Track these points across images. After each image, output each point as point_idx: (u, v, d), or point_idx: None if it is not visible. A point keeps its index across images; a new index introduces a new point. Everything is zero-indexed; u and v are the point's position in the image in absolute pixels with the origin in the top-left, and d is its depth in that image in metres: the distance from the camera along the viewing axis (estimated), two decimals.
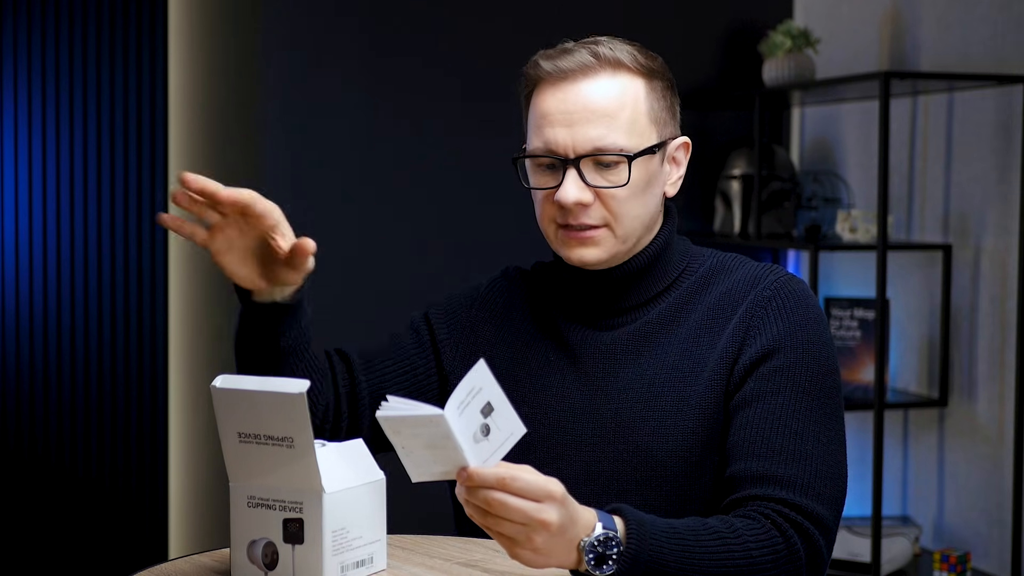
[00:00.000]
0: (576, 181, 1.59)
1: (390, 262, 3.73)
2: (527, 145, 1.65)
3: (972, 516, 3.38)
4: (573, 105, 1.59)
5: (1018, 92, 3.19)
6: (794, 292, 1.62)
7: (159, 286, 3.47)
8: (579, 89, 1.59)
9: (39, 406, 3.40)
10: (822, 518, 1.50)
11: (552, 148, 1.60)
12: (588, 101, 1.59)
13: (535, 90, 1.63)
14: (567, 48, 1.63)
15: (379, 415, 1.31)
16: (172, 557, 3.19)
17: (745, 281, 1.64)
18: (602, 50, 1.60)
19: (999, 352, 3.30)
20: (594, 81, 1.59)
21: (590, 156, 1.59)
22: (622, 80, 1.60)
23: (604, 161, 1.59)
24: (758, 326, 1.60)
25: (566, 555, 1.36)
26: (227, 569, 1.51)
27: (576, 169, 1.59)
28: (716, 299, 1.64)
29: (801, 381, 1.56)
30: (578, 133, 1.58)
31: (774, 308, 1.60)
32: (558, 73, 1.60)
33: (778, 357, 1.57)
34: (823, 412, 1.56)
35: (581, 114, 1.58)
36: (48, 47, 3.38)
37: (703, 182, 3.99)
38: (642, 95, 1.61)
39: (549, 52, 1.63)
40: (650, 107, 1.62)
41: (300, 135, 3.66)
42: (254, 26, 3.64)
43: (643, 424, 1.60)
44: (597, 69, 1.60)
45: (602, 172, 1.59)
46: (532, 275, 1.78)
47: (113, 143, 3.43)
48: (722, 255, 1.70)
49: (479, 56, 3.74)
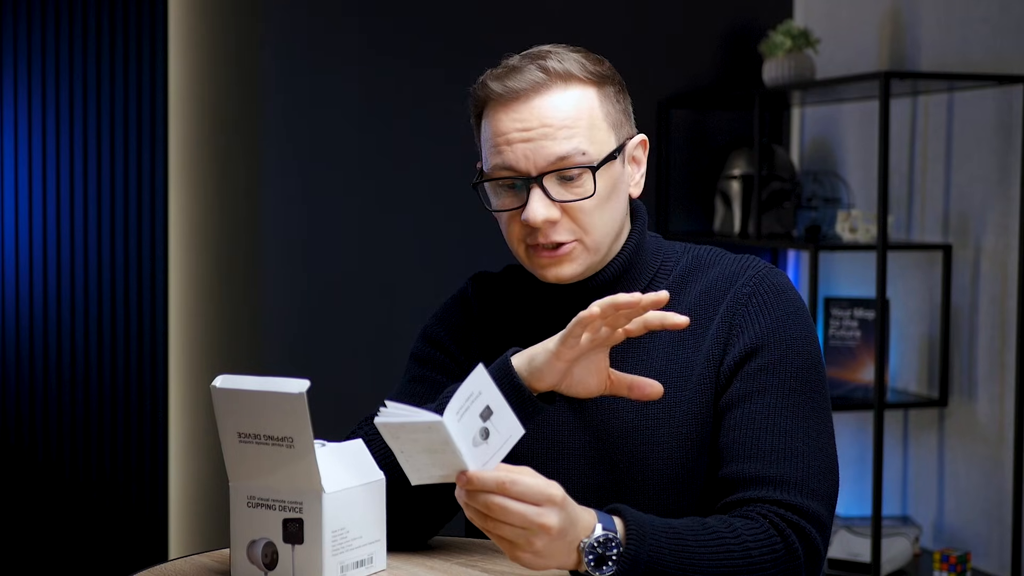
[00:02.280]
0: (542, 199, 1.56)
1: (390, 262, 3.73)
2: (483, 165, 1.63)
3: (972, 516, 3.38)
4: (529, 123, 1.56)
5: (1018, 92, 3.19)
6: (773, 285, 1.61)
7: (159, 286, 3.47)
8: (533, 107, 1.57)
9: (39, 406, 3.40)
10: (817, 515, 1.50)
11: (513, 167, 1.57)
12: (544, 117, 1.56)
13: (486, 110, 1.61)
14: (515, 66, 1.59)
15: (377, 421, 1.30)
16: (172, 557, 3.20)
17: (724, 278, 1.63)
18: (551, 64, 1.58)
19: (999, 352, 3.30)
20: (547, 96, 1.57)
21: (553, 171, 1.56)
22: (574, 92, 1.58)
23: (567, 175, 1.57)
24: (740, 324, 1.59)
25: (566, 557, 1.36)
26: (227, 569, 1.51)
27: (540, 187, 1.57)
28: (696, 298, 1.63)
29: (787, 378, 1.56)
30: (538, 149, 1.56)
31: (755, 304, 1.60)
32: (510, 94, 1.57)
33: (762, 355, 1.57)
34: (810, 407, 1.56)
35: (539, 131, 1.56)
36: (48, 47, 3.38)
37: (703, 182, 3.99)
38: (596, 103, 1.59)
39: (497, 72, 1.60)
40: (605, 113, 1.60)
41: (300, 135, 3.67)
42: (254, 26, 3.64)
43: (635, 432, 1.60)
44: (548, 84, 1.57)
45: (566, 186, 1.57)
46: (505, 281, 1.75)
47: (113, 143, 3.43)
48: (696, 249, 1.69)
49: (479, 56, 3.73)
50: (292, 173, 3.66)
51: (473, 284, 1.77)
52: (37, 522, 3.41)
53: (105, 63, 3.41)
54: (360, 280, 3.71)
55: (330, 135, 3.68)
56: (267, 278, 3.66)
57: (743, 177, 3.80)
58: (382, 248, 3.72)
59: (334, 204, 3.68)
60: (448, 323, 1.74)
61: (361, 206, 3.71)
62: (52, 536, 3.42)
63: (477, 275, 1.78)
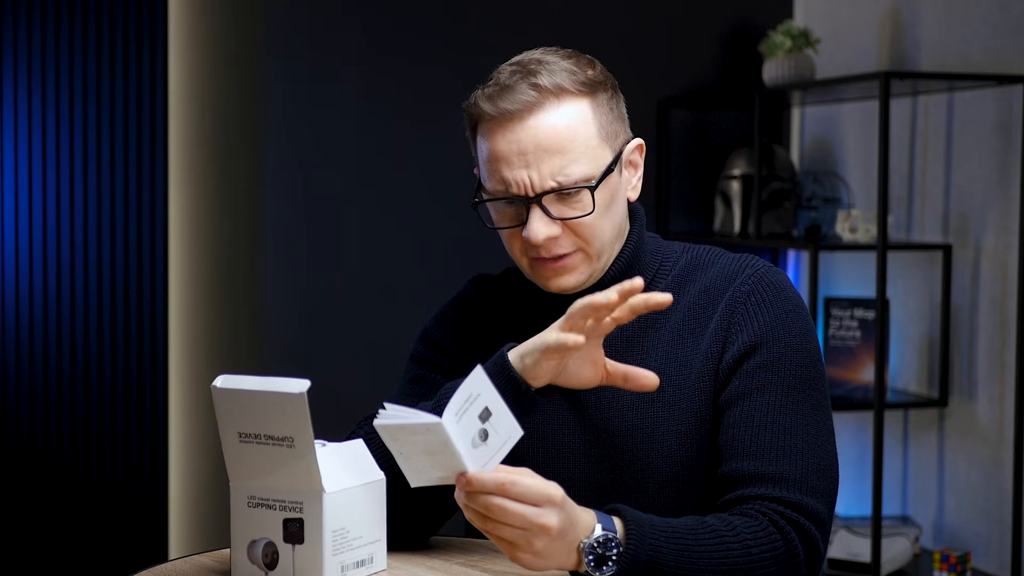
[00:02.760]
0: (542, 218, 1.56)
1: (390, 262, 3.73)
2: (483, 182, 1.62)
3: (972, 516, 3.38)
4: (525, 145, 1.56)
5: (1018, 92, 3.19)
6: (772, 284, 1.62)
7: (159, 286, 3.47)
8: (527, 128, 1.56)
9: (39, 406, 3.40)
10: (817, 512, 1.50)
11: (511, 188, 1.57)
12: (539, 139, 1.55)
13: (480, 127, 1.60)
14: (506, 84, 1.57)
15: (377, 423, 1.30)
16: (172, 557, 3.20)
17: (722, 276, 1.63)
18: (542, 80, 1.56)
19: (999, 352, 3.30)
20: (541, 116, 1.56)
21: (551, 192, 1.56)
22: (567, 108, 1.57)
23: (566, 192, 1.56)
24: (739, 322, 1.59)
25: (566, 557, 1.36)
26: (227, 569, 1.51)
27: (540, 206, 1.56)
28: (695, 297, 1.63)
29: (785, 375, 1.56)
30: (535, 171, 1.56)
31: (753, 303, 1.60)
32: (503, 115, 1.56)
33: (761, 352, 1.57)
34: (809, 404, 1.56)
35: (534, 153, 1.55)
36: (48, 47, 3.38)
37: (703, 182, 3.99)
38: (590, 117, 1.58)
39: (488, 91, 1.59)
40: (600, 126, 1.59)
41: (300, 135, 3.67)
42: (254, 25, 3.64)
43: (635, 431, 1.60)
44: (541, 102, 1.56)
45: (566, 202, 1.57)
46: (505, 284, 1.75)
47: (113, 143, 3.43)
48: (695, 249, 1.69)
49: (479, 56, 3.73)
50: (292, 173, 3.66)
51: (473, 286, 1.77)
52: (37, 522, 3.41)
53: (105, 63, 3.41)
54: (360, 280, 3.71)
55: (330, 135, 3.68)
56: (267, 278, 3.66)
57: (743, 177, 3.80)
58: (382, 248, 3.72)
59: (334, 204, 3.68)
60: (448, 325, 1.74)
61: (361, 206, 3.71)
62: (52, 536, 3.42)
63: (476, 277, 1.78)
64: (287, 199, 3.66)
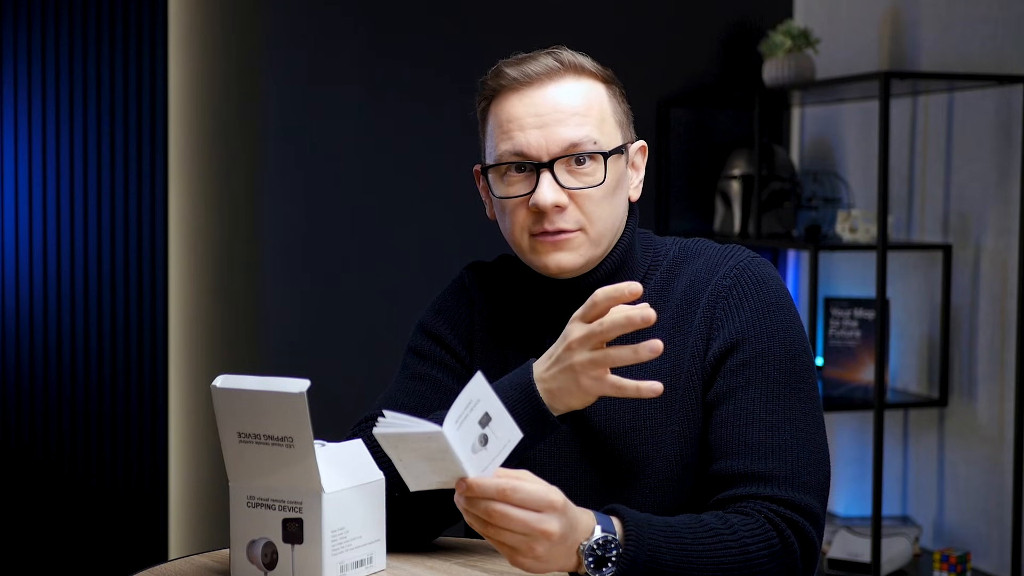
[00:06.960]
0: (552, 184, 1.58)
1: (390, 262, 3.73)
2: (488, 158, 1.64)
3: (972, 516, 3.38)
4: (543, 107, 1.59)
5: (1018, 92, 3.19)
6: (754, 276, 1.61)
7: (159, 286, 3.47)
8: (547, 92, 1.60)
9: (39, 406, 3.40)
10: (810, 508, 1.50)
11: (524, 151, 1.59)
12: (557, 103, 1.59)
13: (497, 98, 1.62)
14: (529, 56, 1.63)
15: (376, 432, 1.30)
16: (172, 557, 3.20)
17: (706, 268, 1.63)
18: (564, 56, 1.62)
19: (999, 352, 3.30)
20: (561, 84, 1.60)
21: (564, 156, 1.58)
22: (586, 83, 1.62)
23: (579, 160, 1.59)
24: (721, 318, 1.59)
25: (566, 560, 1.36)
26: (227, 569, 1.51)
27: (550, 171, 1.58)
28: (682, 292, 1.63)
29: (770, 371, 1.55)
30: (551, 134, 1.58)
31: (734, 297, 1.59)
32: (524, 79, 1.60)
33: (744, 349, 1.56)
34: (796, 398, 1.55)
35: (552, 115, 1.59)
36: (48, 47, 3.38)
37: (703, 182, 3.99)
38: (605, 98, 1.63)
39: (510, 60, 1.63)
40: (613, 109, 1.64)
41: (300, 135, 3.67)
42: (254, 26, 3.64)
43: (633, 433, 1.60)
44: (562, 72, 1.61)
45: (575, 173, 1.59)
46: (501, 271, 1.75)
47: (113, 143, 3.43)
48: (684, 242, 1.69)
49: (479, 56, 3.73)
50: (292, 173, 3.66)
51: (470, 273, 1.76)
52: (37, 522, 3.41)
53: (105, 63, 3.41)
54: (360, 280, 3.71)
55: (330, 136, 3.68)
56: (267, 278, 3.66)
57: (743, 177, 3.80)
58: (382, 248, 3.72)
59: (334, 204, 3.68)
60: (447, 315, 1.73)
61: (361, 206, 3.71)
62: (52, 536, 3.42)
63: (473, 264, 1.78)
64: (287, 199, 3.66)
